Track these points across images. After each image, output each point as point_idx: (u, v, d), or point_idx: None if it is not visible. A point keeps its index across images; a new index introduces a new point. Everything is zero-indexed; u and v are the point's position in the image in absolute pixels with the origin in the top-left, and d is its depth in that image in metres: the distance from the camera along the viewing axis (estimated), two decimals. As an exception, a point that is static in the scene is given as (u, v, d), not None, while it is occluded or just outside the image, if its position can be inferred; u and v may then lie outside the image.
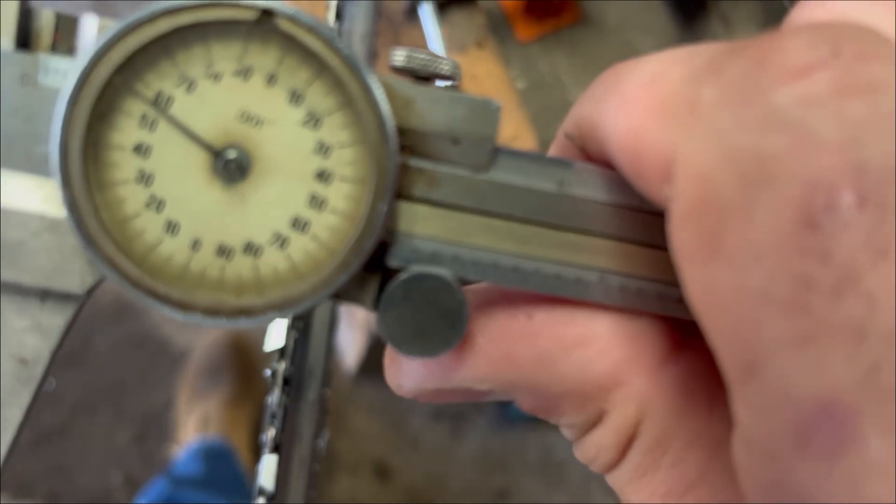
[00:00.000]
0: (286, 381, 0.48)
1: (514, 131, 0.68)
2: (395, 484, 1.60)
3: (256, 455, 0.48)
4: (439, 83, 0.21)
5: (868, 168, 0.15)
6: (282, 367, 0.48)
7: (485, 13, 0.70)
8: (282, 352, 0.48)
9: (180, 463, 1.31)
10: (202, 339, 1.54)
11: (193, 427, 1.40)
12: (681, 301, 0.22)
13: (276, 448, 0.48)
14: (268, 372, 0.49)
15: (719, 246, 0.16)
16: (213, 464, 1.31)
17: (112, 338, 1.55)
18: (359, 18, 0.54)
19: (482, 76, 0.69)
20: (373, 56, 0.51)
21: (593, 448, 0.22)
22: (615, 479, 0.23)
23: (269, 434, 0.47)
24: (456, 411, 1.64)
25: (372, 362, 1.50)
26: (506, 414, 1.60)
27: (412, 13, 0.69)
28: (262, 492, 0.46)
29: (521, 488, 1.61)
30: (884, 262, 0.14)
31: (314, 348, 0.52)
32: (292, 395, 0.51)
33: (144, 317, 1.57)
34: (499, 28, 0.71)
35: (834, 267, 0.15)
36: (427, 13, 0.68)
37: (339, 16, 0.51)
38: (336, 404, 1.60)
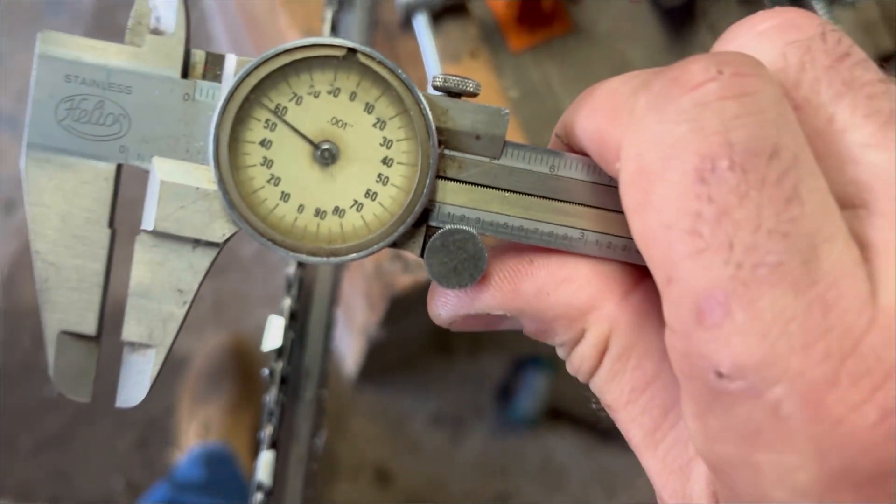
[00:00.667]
0: (283, 381, 0.52)
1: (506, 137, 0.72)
2: (395, 488, 1.60)
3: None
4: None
5: (735, 145, 0.23)
6: (279, 366, 0.52)
7: (478, 24, 0.71)
8: (279, 351, 0.52)
9: (182, 468, 1.32)
10: (204, 345, 1.55)
11: (195, 432, 1.41)
12: (638, 251, 0.30)
13: (274, 445, 0.51)
14: (265, 371, 0.52)
15: (649, 200, 0.25)
16: (214, 469, 1.31)
17: (112, 343, 1.53)
18: (353, 30, 0.58)
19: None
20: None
21: (578, 359, 0.31)
22: (595, 384, 0.31)
23: (267, 431, 0.52)
24: (456, 417, 1.64)
25: (372, 367, 1.50)
26: (506, 419, 1.61)
27: (407, 24, 0.69)
28: (260, 487, 0.50)
29: (520, 492, 1.61)
30: (745, 200, 0.23)
31: (311, 349, 0.56)
32: (289, 395, 0.54)
33: None
34: (492, 38, 0.72)
35: (715, 205, 0.23)
36: (421, 24, 0.68)
37: (334, 28, 0.55)
38: (336, 408, 1.60)
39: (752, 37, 0.27)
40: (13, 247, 1.65)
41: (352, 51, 0.28)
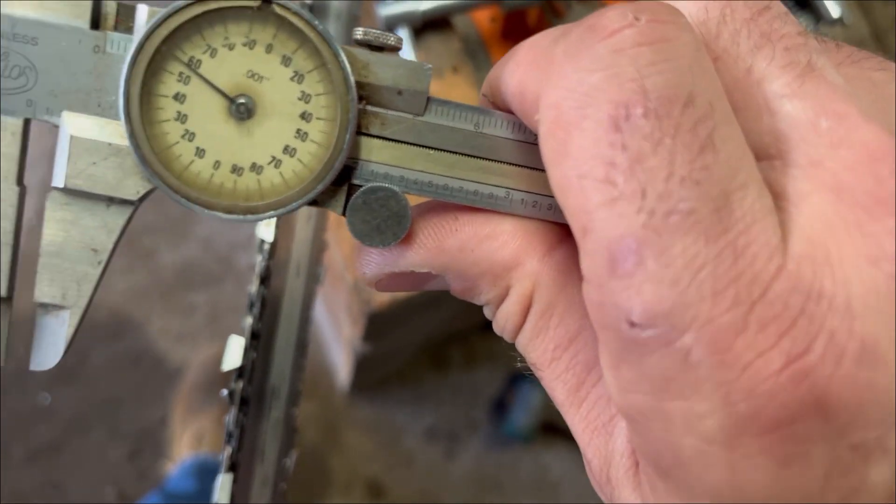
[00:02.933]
0: (244, 401, 0.51)
1: None
2: (388, 502, 1.58)
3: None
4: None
5: (649, 92, 0.23)
6: (239, 386, 0.51)
7: (461, 38, 0.71)
8: (240, 371, 0.51)
9: (174, 479, 1.32)
10: (197, 356, 1.54)
11: (188, 443, 1.40)
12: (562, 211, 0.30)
13: (233, 467, 0.50)
14: (224, 392, 0.51)
15: (566, 150, 0.24)
16: (206, 480, 1.27)
17: (107, 354, 1.54)
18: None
19: (458, 99, 0.71)
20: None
21: (503, 316, 0.31)
22: (520, 342, 0.31)
23: (226, 453, 0.51)
24: (450, 431, 1.63)
25: (364, 381, 1.50)
26: (500, 434, 1.60)
27: None
28: None
29: None
30: (659, 147, 0.23)
31: (277, 367, 0.55)
32: (252, 415, 0.53)
33: (140, 333, 1.57)
34: (475, 52, 0.71)
35: (629, 153, 0.23)
36: (403, 38, 0.69)
37: None
38: (330, 421, 1.60)
39: None
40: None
41: (267, 1, 0.27)
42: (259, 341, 0.53)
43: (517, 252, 0.30)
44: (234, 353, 0.51)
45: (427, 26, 0.69)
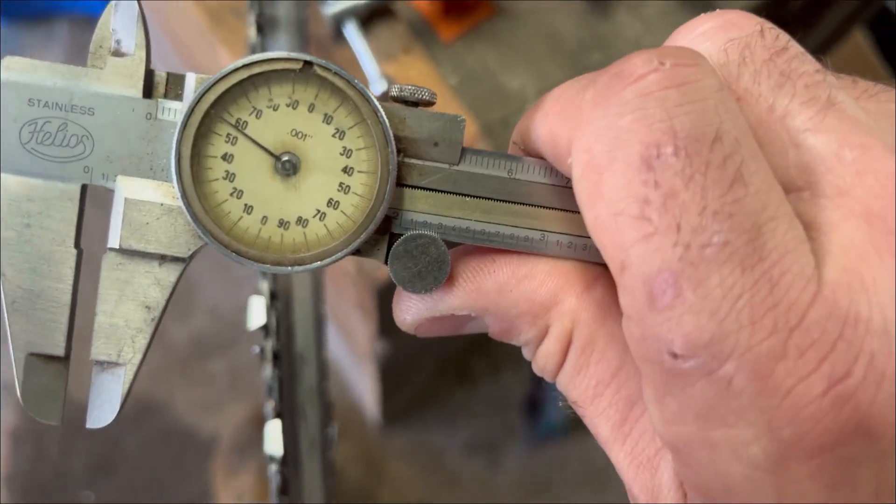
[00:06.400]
0: (276, 357, 0.53)
1: None
2: None
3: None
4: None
5: (678, 132, 0.24)
6: (269, 344, 0.54)
7: (405, 22, 0.75)
8: (266, 329, 0.54)
9: None
10: (227, 422, 1.58)
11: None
12: (597, 249, 0.31)
13: (279, 415, 0.53)
14: (256, 349, 0.54)
15: (599, 191, 0.25)
16: None
17: (140, 439, 1.57)
18: (283, 50, 0.60)
19: (414, 78, 0.73)
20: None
21: (543, 357, 0.31)
22: (561, 381, 0.32)
23: (270, 405, 0.53)
24: (489, 442, 1.63)
25: (395, 405, 1.51)
26: (538, 433, 1.60)
27: (338, 34, 0.72)
28: (272, 459, 0.51)
29: (569, 501, 1.59)
30: (691, 183, 0.24)
31: (301, 333, 0.57)
32: (286, 374, 0.55)
33: (167, 412, 1.59)
34: (423, 34, 0.75)
35: (661, 189, 0.24)
36: (352, 32, 0.72)
37: (262, 49, 0.58)
38: (369, 456, 1.61)
39: (694, 37, 0.29)
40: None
41: (308, 63, 0.29)
42: (277, 301, 0.55)
43: (555, 291, 0.31)
44: (256, 312, 0.53)
45: (371, 17, 0.74)
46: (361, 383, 1.47)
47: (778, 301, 0.23)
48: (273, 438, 0.51)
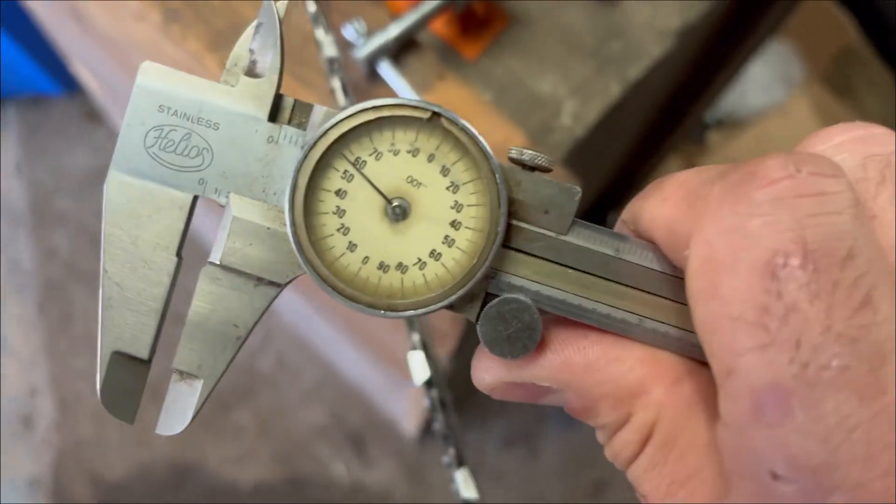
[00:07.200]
0: (443, 403, 0.55)
1: (504, 135, 0.73)
2: None
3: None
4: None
5: (808, 243, 0.23)
6: (434, 393, 0.56)
7: (433, 49, 0.76)
8: (429, 381, 0.56)
9: None
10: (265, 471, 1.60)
11: None
12: (694, 345, 0.30)
13: (461, 463, 0.57)
14: (427, 402, 0.56)
15: (716, 289, 0.25)
16: None
17: None
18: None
19: (454, 102, 0.74)
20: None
21: (620, 443, 0.30)
22: (633, 472, 0.31)
23: (451, 453, 0.57)
24: (525, 432, 1.64)
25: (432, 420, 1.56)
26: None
27: (373, 74, 0.74)
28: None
29: (615, 473, 1.56)
30: (816, 300, 0.23)
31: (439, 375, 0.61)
32: (454, 421, 0.57)
33: (202, 472, 1.62)
34: (448, 57, 0.76)
35: (784, 301, 0.23)
36: (387, 70, 0.73)
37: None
38: (412, 470, 1.63)
39: (831, 146, 0.28)
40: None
41: (436, 114, 0.29)
42: (430, 349, 0.57)
43: (644, 379, 0.30)
44: (420, 366, 0.56)
45: (401, 51, 0.75)
46: (398, 403, 1.47)
47: None
48: (466, 485, 0.53)
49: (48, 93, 1.88)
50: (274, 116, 0.30)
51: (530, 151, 0.30)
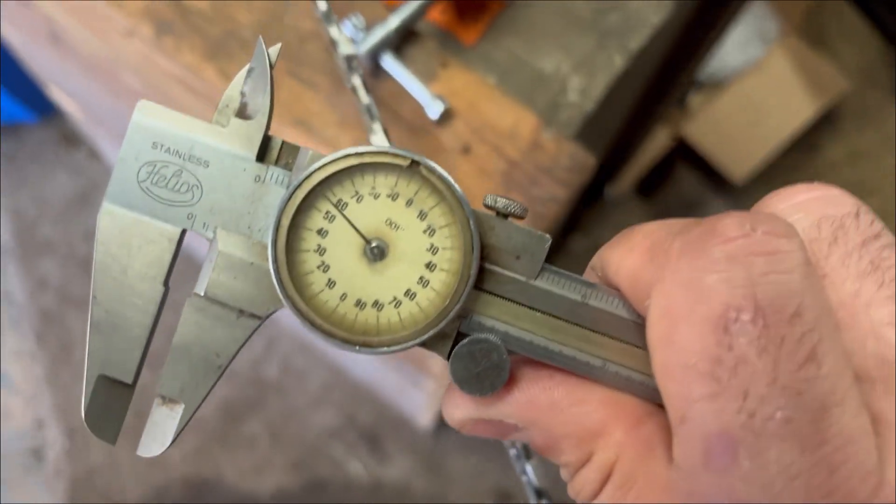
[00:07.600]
0: (527, 453, 0.56)
1: (514, 117, 0.72)
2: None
3: None
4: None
5: (759, 300, 0.25)
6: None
7: (432, 38, 0.75)
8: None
9: None
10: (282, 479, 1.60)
11: None
12: (655, 389, 0.32)
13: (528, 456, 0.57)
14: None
15: (672, 338, 0.26)
16: None
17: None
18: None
19: (461, 89, 0.73)
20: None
21: (581, 481, 0.32)
22: None
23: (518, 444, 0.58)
24: None
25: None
26: None
27: (376, 69, 0.73)
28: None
29: None
30: (764, 354, 0.24)
31: None
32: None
33: (219, 486, 1.63)
34: (449, 44, 0.75)
35: (734, 353, 0.24)
36: (391, 63, 0.72)
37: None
38: (430, 461, 1.65)
39: (788, 206, 0.29)
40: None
41: (416, 163, 0.31)
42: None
43: (605, 420, 0.31)
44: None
45: (402, 42, 0.75)
46: (413, 398, 1.45)
47: (835, 488, 0.23)
48: None
49: (23, 121, 1.83)
50: (262, 156, 0.32)
51: (504, 199, 0.32)
